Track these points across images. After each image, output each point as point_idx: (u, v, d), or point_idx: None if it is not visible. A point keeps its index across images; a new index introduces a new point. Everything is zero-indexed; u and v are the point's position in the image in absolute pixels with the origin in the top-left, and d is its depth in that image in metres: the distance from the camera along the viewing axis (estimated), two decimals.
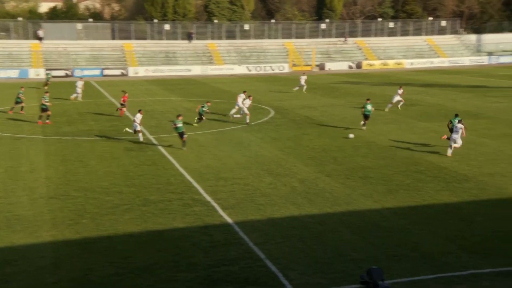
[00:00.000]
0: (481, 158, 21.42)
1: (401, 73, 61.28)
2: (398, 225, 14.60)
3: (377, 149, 23.37)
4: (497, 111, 32.24)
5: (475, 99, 37.87)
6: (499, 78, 52.68)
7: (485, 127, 27.57)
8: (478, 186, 17.80)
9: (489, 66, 67.95)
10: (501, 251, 12.71)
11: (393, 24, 77.68)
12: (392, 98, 33.68)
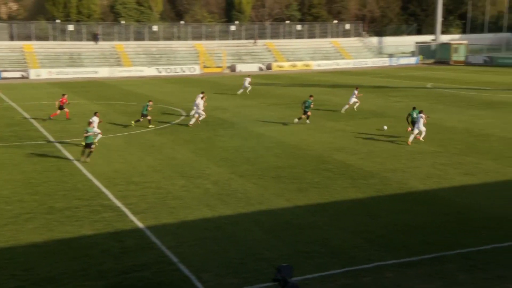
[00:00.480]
0: (384, 155, 22.54)
1: (309, 74, 63.16)
2: (309, 222, 15.03)
3: (288, 149, 23.92)
4: (398, 110, 34.10)
5: (378, 99, 39.82)
6: (399, 78, 55.83)
7: (387, 125, 29.00)
8: (382, 181, 18.72)
9: (390, 67, 71.80)
10: (402, 243, 13.46)
11: (300, 26, 79.90)
12: (349, 99, 33.90)
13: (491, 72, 60.33)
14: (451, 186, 18.08)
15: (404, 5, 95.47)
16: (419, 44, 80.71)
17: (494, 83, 48.20)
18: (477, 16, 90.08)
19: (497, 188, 17.71)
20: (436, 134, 26.51)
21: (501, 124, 28.32)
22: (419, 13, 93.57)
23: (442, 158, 21.77)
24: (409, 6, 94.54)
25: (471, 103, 35.88)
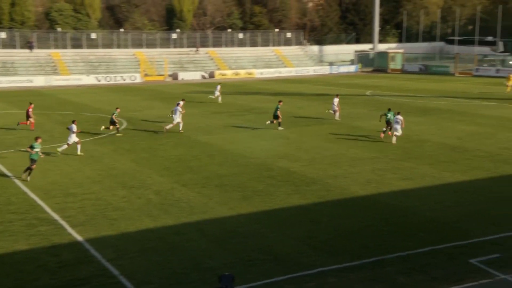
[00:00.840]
0: (326, 161, 22.94)
1: (252, 82, 63.56)
2: (253, 230, 15.05)
3: (232, 157, 23.91)
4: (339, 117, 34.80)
5: (320, 107, 40.55)
6: (340, 86, 57.13)
7: (329, 132, 29.62)
8: (324, 188, 19.03)
9: (330, 75, 73.39)
10: (344, 248, 13.71)
11: (242, 35, 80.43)
12: (332, 107, 33.99)
13: (426, 79, 62.82)
14: (390, 190, 18.61)
15: (343, 15, 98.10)
16: (358, 53, 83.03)
17: (429, 91, 50.20)
18: (412, 25, 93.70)
19: (433, 192, 18.38)
20: (374, 140, 27.24)
21: (436, 130, 29.49)
22: (358, 23, 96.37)
23: (381, 163, 22.39)
24: (347, 16, 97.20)
25: (408, 110, 37.15)
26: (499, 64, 68.23)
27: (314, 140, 27.39)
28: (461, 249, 13.53)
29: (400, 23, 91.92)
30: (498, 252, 13.23)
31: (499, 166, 21.57)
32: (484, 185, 18.98)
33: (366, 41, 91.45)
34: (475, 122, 31.66)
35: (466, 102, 40.20)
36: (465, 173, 20.61)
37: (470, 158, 22.93)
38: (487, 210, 16.39)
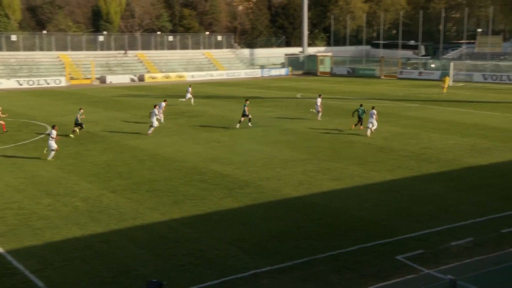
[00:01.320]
0: (258, 164, 23.11)
1: (183, 86, 63.05)
2: (184, 234, 14.91)
3: (163, 161, 23.58)
4: (270, 119, 35.23)
5: (251, 109, 40.83)
6: (271, 89, 57.81)
7: (261, 135, 29.89)
8: (257, 190, 19.16)
9: (262, 78, 74.11)
10: (276, 250, 13.86)
11: (172, 37, 79.68)
12: (315, 107, 35.05)
13: (354, 82, 64.81)
14: (321, 191, 19.02)
15: (273, 18, 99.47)
16: (288, 56, 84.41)
17: (356, 93, 51.81)
18: (340, 29, 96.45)
19: (362, 192, 18.97)
20: (305, 142, 27.78)
21: (364, 131, 30.46)
22: (287, 26, 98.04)
23: (312, 165, 22.84)
24: (277, 19, 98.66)
25: (337, 112, 38.15)
26: (421, 67, 71.57)
27: (247, 143, 27.53)
28: (388, 246, 14.04)
29: (328, 27, 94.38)
30: (421, 248, 13.83)
31: (422, 165, 22.59)
32: (409, 184, 19.81)
33: (296, 45, 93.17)
34: (400, 123, 32.99)
35: (391, 104, 41.82)
36: (391, 173, 21.42)
37: (395, 158, 23.86)
38: (411, 208, 17.11)
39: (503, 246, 13.81)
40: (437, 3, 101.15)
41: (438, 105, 39.78)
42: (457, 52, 78.28)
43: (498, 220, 15.87)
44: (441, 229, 15.16)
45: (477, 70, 63.29)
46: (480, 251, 13.57)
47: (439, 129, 30.61)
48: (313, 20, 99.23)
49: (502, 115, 35.38)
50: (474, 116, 34.97)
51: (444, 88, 50.92)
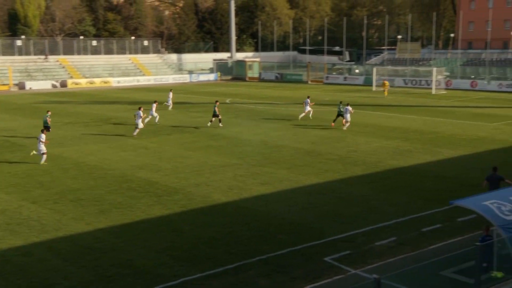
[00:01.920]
0: (188, 170, 22.93)
1: (108, 91, 61.50)
2: (111, 244, 14.52)
3: (88, 169, 22.88)
4: (199, 125, 35.08)
5: (180, 115, 40.52)
6: (200, 94, 57.60)
7: (190, 141, 29.69)
8: (187, 197, 19.00)
9: (190, 84, 73.70)
10: (207, 256, 13.81)
11: (96, 42, 77.63)
12: (304, 108, 36.81)
13: (282, 87, 65.85)
14: (251, 196, 19.16)
15: (200, 23, 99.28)
16: (217, 61, 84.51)
17: (285, 98, 52.68)
18: (267, 35, 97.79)
19: (290, 195, 19.28)
20: (235, 147, 27.89)
21: (292, 136, 31.02)
22: (215, 32, 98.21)
23: (242, 170, 22.96)
24: (204, 25, 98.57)
25: (265, 117, 38.60)
26: (346, 72, 73.89)
27: (176, 149, 27.27)
28: (317, 248, 14.35)
29: (256, 33, 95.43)
30: (348, 249, 14.25)
31: (348, 168, 23.29)
32: (336, 186, 20.36)
33: (224, 50, 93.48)
34: (326, 127, 33.85)
35: (318, 108, 42.83)
36: (319, 176, 21.92)
37: (323, 161, 24.45)
38: (338, 210, 17.59)
39: (423, 244, 14.49)
40: (360, 10, 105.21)
41: (363, 109, 41.20)
42: (380, 57, 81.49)
43: (418, 219, 16.63)
44: (366, 230, 15.69)
45: (398, 75, 66.15)
46: (402, 249, 14.16)
47: (364, 133, 31.70)
48: (241, 25, 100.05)
49: (421, 118, 37.18)
50: (397, 120, 36.51)
51: (385, 92, 53.01)
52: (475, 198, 12.13)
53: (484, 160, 24.34)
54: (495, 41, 77.17)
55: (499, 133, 30.95)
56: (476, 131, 31.58)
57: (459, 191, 19.17)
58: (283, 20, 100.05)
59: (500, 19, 79.36)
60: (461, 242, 14.39)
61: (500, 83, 57.44)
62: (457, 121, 35.74)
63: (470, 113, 39.73)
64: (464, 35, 79.50)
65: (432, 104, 45.73)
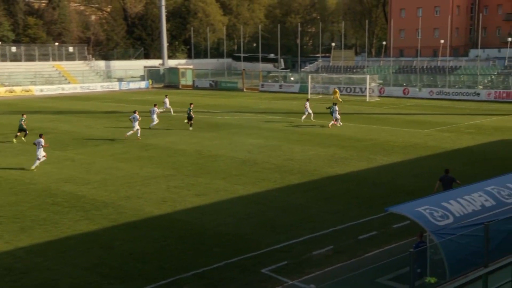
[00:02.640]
0: (118, 182, 22.42)
1: (31, 100, 59.27)
2: (34, 264, 13.92)
3: (7, 184, 21.90)
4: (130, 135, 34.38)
5: (109, 125, 39.62)
6: (131, 103, 56.57)
7: (121, 152, 29.07)
8: (117, 210, 18.56)
9: (120, 92, 72.27)
10: (138, 272, 13.52)
11: (15, 48, 74.70)
12: (304, 110, 39.80)
13: (217, 95, 65.87)
14: (186, 208, 18.97)
15: (130, 29, 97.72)
16: (148, 68, 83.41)
17: (219, 106, 52.71)
18: (200, 42, 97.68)
19: (227, 206, 19.24)
20: (168, 157, 27.56)
21: (228, 145, 31.04)
22: (145, 38, 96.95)
23: (175, 181, 22.71)
24: (134, 30, 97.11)
25: (200, 126, 38.43)
26: (282, 80, 74.96)
27: (105, 161, 26.63)
28: (253, 260, 14.38)
29: (188, 39, 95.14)
30: (286, 259, 14.37)
31: (285, 176, 23.56)
32: (272, 196, 20.53)
33: (155, 57, 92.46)
34: (262, 135, 34.16)
35: (253, 117, 43.15)
36: (255, 185, 22.04)
37: (259, 171, 24.61)
38: (275, 220, 17.73)
39: (360, 252, 14.85)
40: (294, 17, 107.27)
41: (299, 117, 41.87)
42: (314, 65, 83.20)
43: (355, 227, 17.05)
44: (304, 239, 15.89)
45: (333, 82, 67.80)
46: (339, 258, 14.44)
47: (300, 141, 32.20)
48: (173, 31, 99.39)
49: (356, 125, 38.26)
50: (332, 127, 37.36)
51: (339, 99, 54.23)
52: (409, 205, 12.56)
53: (417, 166, 25.34)
54: (425, 49, 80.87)
55: (431, 139, 32.34)
56: (409, 138, 32.84)
57: (394, 197, 19.82)
58: (216, 27, 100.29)
59: (430, 27, 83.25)
60: (397, 248, 14.86)
61: (431, 90, 60.07)
62: (391, 128, 37.05)
63: (403, 120, 41.30)
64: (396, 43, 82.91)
65: (367, 112, 47.18)
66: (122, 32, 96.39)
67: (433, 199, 12.81)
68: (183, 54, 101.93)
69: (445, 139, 32.24)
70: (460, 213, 11.98)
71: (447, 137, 32.90)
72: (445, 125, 37.81)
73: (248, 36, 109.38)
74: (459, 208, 12.12)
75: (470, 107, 49.92)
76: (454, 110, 47.33)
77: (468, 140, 31.99)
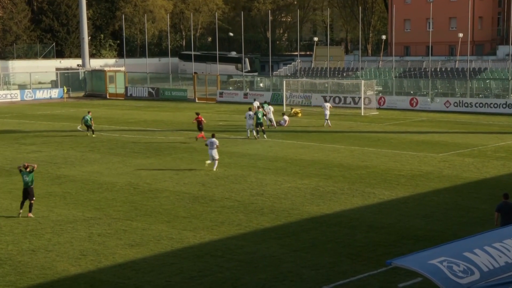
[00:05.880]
0: (18, 230, 22.26)
1: None
2: None
3: None
4: (36, 163, 33.95)
5: (7, 149, 39.07)
6: (37, 119, 55.98)
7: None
8: (16, 270, 18.40)
9: (22, 104, 71.52)
10: None
11: None
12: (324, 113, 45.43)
13: (158, 107, 65.74)
14: (115, 263, 18.80)
15: (36, 17, 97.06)
16: (62, 71, 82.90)
17: (162, 122, 52.57)
18: (135, 35, 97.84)
19: (172, 260, 19.13)
20: (90, 193, 27.32)
21: (173, 175, 30.95)
22: (58, 29, 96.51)
23: (101, 226, 22.51)
24: (42, 19, 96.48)
25: (135, 150, 38.23)
26: (247, 87, 75.30)
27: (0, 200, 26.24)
28: None
29: (119, 32, 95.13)
30: None
31: (252, 218, 23.57)
32: (236, 245, 20.48)
33: (73, 55, 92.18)
34: (221, 162, 34.10)
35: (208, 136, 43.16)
36: (212, 231, 21.97)
37: (217, 210, 24.57)
38: (239, 278, 17.68)
39: None
40: (262, 3, 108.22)
41: (269, 136, 42.08)
42: (291, 67, 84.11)
43: (347, 286, 17.11)
44: None
45: (316, 90, 68.60)
46: None
47: (272, 169, 32.33)
48: (96, 21, 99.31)
49: (347, 148, 38.67)
50: (315, 151, 37.66)
51: (299, 114, 55.06)
52: (419, 256, 12.63)
53: (429, 203, 25.69)
54: (438, 46, 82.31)
55: (448, 167, 32.89)
56: (418, 165, 33.33)
57: (398, 246, 19.99)
58: (157, 15, 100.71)
59: (445, 17, 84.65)
60: None
61: (447, 100, 60.99)
62: (394, 151, 37.55)
63: (410, 140, 41.92)
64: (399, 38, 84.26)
65: (361, 129, 47.78)
66: (25, 21, 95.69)
67: (451, 247, 12.92)
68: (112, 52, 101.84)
69: (467, 167, 32.84)
70: (488, 267, 12.08)
71: (469, 164, 33.53)
72: (466, 148, 38.55)
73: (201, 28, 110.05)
74: (487, 260, 12.22)
75: (500, 123, 50.99)
76: (478, 128, 48.30)
77: (497, 167, 32.65)
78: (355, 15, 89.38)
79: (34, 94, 76.35)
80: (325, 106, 48.78)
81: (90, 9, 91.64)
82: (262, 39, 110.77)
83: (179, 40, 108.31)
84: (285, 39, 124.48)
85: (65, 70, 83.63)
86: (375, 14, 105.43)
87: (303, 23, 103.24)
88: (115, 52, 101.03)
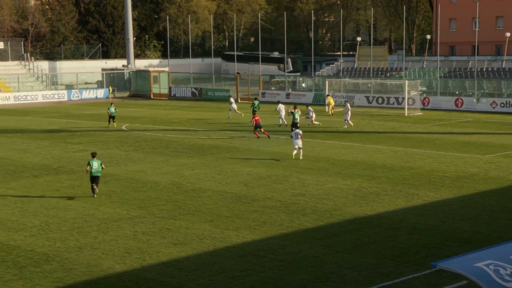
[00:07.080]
0: (65, 227, 22.48)
1: None
2: None
3: None
4: (83, 162, 34.40)
5: (54, 149, 39.68)
6: (83, 118, 56.82)
7: (68, 185, 29.14)
8: (63, 266, 18.61)
9: (70, 103, 72.64)
10: None
11: None
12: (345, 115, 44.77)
13: (201, 107, 66.13)
14: (158, 262, 18.96)
15: (83, 19, 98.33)
16: (108, 72, 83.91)
17: (205, 122, 52.85)
18: (179, 36, 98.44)
19: (214, 259, 19.21)
20: (134, 192, 27.61)
21: (216, 175, 31.08)
22: (104, 30, 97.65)
23: (145, 225, 22.72)
24: (89, 20, 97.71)
25: (178, 150, 38.51)
26: (289, 87, 75.20)
27: (47, 197, 26.64)
28: None
29: (163, 33, 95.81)
30: None
31: (294, 218, 23.54)
32: (277, 245, 20.48)
33: (118, 56, 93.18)
34: (264, 162, 34.21)
35: (252, 135, 43.25)
36: (254, 231, 22.01)
37: (259, 210, 24.60)
38: (281, 278, 17.67)
39: None
40: (305, 3, 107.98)
41: (311, 137, 41.98)
42: (334, 67, 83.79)
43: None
44: None
45: (359, 91, 68.21)
46: None
47: (314, 169, 32.25)
48: (141, 22, 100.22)
49: (390, 149, 38.37)
50: (357, 151, 37.46)
51: (330, 110, 54.91)
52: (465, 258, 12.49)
53: (475, 205, 25.34)
54: (485, 45, 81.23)
55: (494, 168, 32.43)
56: (464, 166, 32.93)
57: (443, 248, 19.76)
58: (200, 15, 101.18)
59: (491, 16, 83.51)
60: None
61: (493, 101, 60.26)
62: (438, 152, 37.16)
63: (454, 141, 41.45)
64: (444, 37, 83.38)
65: (405, 130, 47.37)
66: (73, 23, 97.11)
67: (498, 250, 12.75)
68: (156, 53, 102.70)
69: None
70: None
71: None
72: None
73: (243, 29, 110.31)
74: None
75: None
76: None
77: None
78: (399, 14, 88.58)
79: (80, 94, 77.48)
80: (348, 107, 48.61)
81: (135, 10, 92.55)
82: (304, 39, 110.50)
83: (222, 41, 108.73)
84: (327, 39, 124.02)
85: (110, 71, 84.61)
86: (420, 13, 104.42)
87: (346, 23, 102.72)
88: (159, 53, 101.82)
